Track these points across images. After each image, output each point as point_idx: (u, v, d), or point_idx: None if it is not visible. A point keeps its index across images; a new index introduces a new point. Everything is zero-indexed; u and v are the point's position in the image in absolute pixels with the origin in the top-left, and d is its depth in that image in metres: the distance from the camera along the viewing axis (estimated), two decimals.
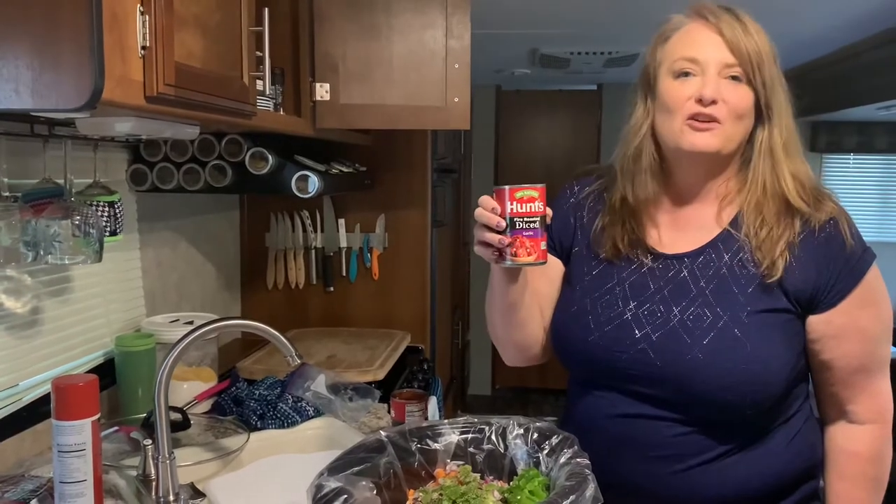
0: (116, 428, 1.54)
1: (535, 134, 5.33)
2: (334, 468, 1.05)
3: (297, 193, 1.87)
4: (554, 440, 1.09)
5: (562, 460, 1.05)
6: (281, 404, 1.72)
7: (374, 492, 1.03)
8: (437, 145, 2.88)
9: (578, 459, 1.03)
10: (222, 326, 1.37)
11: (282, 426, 1.68)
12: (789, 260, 1.18)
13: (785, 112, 1.21)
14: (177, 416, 1.58)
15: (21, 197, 1.40)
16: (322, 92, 1.93)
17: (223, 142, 1.85)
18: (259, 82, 1.46)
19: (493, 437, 1.14)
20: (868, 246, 1.22)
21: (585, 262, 1.31)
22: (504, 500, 1.06)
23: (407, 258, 2.67)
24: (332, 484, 1.00)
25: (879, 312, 1.22)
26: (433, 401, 1.76)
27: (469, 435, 1.15)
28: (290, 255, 2.63)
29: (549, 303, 1.34)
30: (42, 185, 1.45)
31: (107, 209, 1.55)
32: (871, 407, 1.24)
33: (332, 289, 2.67)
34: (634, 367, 1.20)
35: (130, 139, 1.76)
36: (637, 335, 1.20)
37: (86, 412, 1.10)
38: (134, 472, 1.32)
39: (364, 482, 1.02)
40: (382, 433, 1.13)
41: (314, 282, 2.65)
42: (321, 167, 1.99)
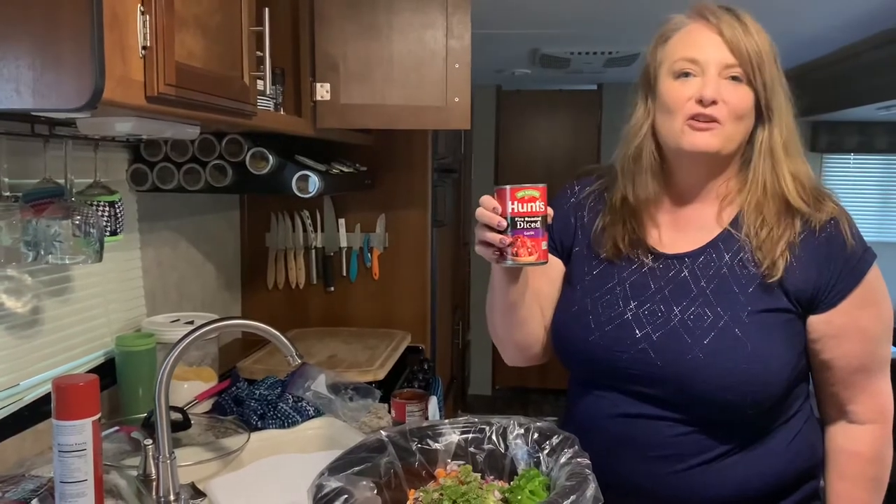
0: (117, 428, 1.54)
1: (536, 134, 5.33)
2: (335, 468, 1.05)
3: (298, 193, 1.87)
4: (554, 440, 1.09)
5: (562, 460, 1.05)
6: (281, 404, 1.72)
7: (375, 491, 1.03)
8: (438, 145, 2.87)
9: (579, 459, 1.03)
10: (223, 326, 1.37)
11: (282, 426, 1.68)
12: (790, 260, 1.18)
13: (785, 112, 1.21)
14: (177, 415, 1.58)
15: (22, 197, 1.40)
16: (322, 92, 1.94)
17: (224, 142, 1.85)
18: (259, 82, 1.46)
19: (493, 437, 1.14)
20: (869, 246, 1.22)
21: (586, 262, 1.31)
22: (504, 500, 1.06)
23: (407, 258, 2.67)
24: (333, 484, 1.00)
25: (880, 312, 1.22)
26: (433, 401, 1.77)
27: (470, 435, 1.15)
28: (291, 254, 2.63)
29: (549, 302, 1.34)
30: (43, 184, 1.45)
31: (107, 209, 1.56)
32: (871, 407, 1.24)
33: (332, 289, 2.67)
34: (635, 367, 1.20)
35: (131, 139, 1.76)
36: (637, 335, 1.20)
37: (86, 412, 1.10)
38: (134, 472, 1.32)
39: (365, 482, 1.03)
40: (383, 433, 1.13)
41: (314, 282, 2.65)
42: (322, 167, 1.99)
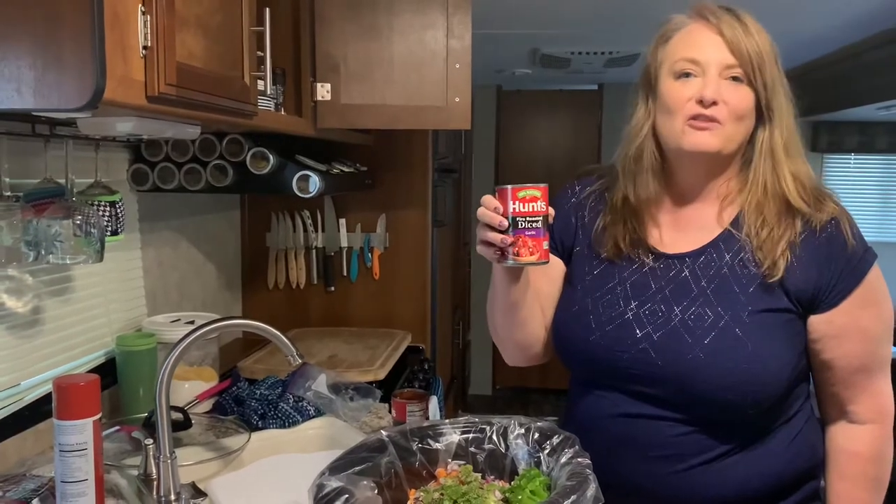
0: (118, 427, 1.54)
1: (536, 134, 5.33)
2: (335, 468, 1.05)
3: (298, 193, 1.87)
4: (555, 440, 1.09)
5: (563, 460, 1.05)
6: (282, 404, 1.72)
7: (376, 491, 1.03)
8: (438, 145, 2.87)
9: (579, 459, 1.03)
10: (223, 326, 1.37)
11: (283, 426, 1.68)
12: (790, 260, 1.18)
13: (786, 112, 1.21)
14: (178, 415, 1.58)
15: (22, 197, 1.40)
16: (323, 92, 1.94)
17: (224, 142, 1.85)
18: (260, 82, 1.46)
19: (494, 437, 1.14)
20: (869, 246, 1.22)
21: (587, 262, 1.31)
22: (505, 500, 1.06)
23: (408, 258, 2.67)
24: (334, 483, 1.00)
25: (881, 312, 1.22)
26: (434, 400, 1.77)
27: (470, 435, 1.15)
28: (291, 254, 2.63)
29: (550, 302, 1.34)
30: (43, 184, 1.45)
31: (108, 209, 1.56)
32: (871, 407, 1.24)
33: (332, 288, 2.67)
34: (635, 367, 1.20)
35: (132, 139, 1.76)
36: (638, 335, 1.20)
37: (87, 412, 1.10)
38: (135, 472, 1.32)
39: (365, 482, 1.03)
40: (383, 433, 1.13)
41: (315, 281, 2.65)
42: (322, 167, 1.99)
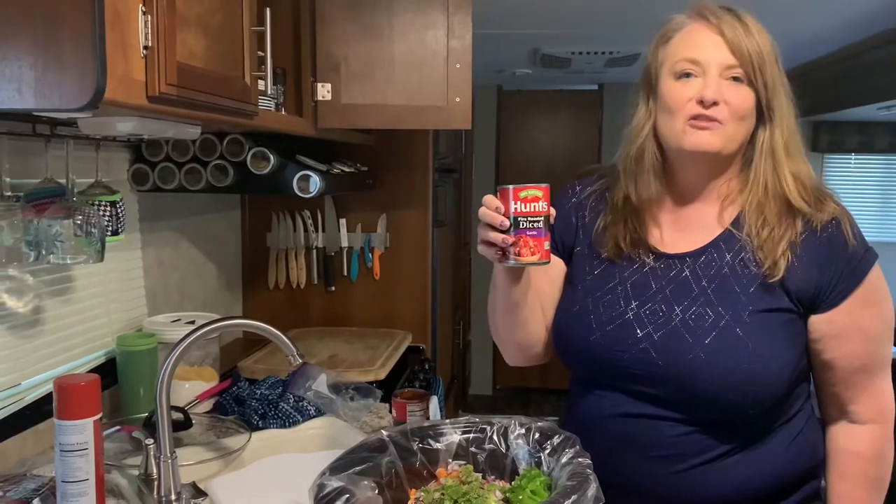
0: (118, 427, 1.54)
1: (537, 134, 5.33)
2: (336, 468, 1.05)
3: (299, 193, 1.87)
4: (555, 440, 1.09)
5: (563, 460, 1.05)
6: (282, 404, 1.72)
7: (376, 491, 1.03)
8: (439, 145, 2.87)
9: (580, 459, 1.03)
10: (224, 326, 1.37)
11: (283, 426, 1.68)
12: (791, 260, 1.18)
13: (786, 112, 1.21)
14: (178, 415, 1.58)
15: (23, 197, 1.40)
16: (324, 92, 1.94)
17: (225, 141, 1.85)
18: (261, 82, 1.46)
19: (494, 437, 1.14)
20: (870, 246, 1.22)
21: (587, 262, 1.31)
22: (506, 500, 1.06)
23: (408, 258, 2.66)
24: (334, 483, 1.00)
25: (881, 312, 1.22)
26: (434, 400, 1.77)
27: (471, 434, 1.15)
28: (292, 254, 2.63)
29: (550, 302, 1.34)
30: (44, 184, 1.45)
31: (108, 209, 1.56)
32: (872, 407, 1.24)
33: (333, 288, 2.66)
34: (636, 367, 1.20)
35: (132, 139, 1.76)
36: (639, 335, 1.20)
37: (88, 411, 1.10)
38: (136, 472, 1.32)
39: (366, 482, 1.03)
40: (384, 433, 1.13)
41: (315, 281, 2.65)
42: (323, 167, 1.99)
